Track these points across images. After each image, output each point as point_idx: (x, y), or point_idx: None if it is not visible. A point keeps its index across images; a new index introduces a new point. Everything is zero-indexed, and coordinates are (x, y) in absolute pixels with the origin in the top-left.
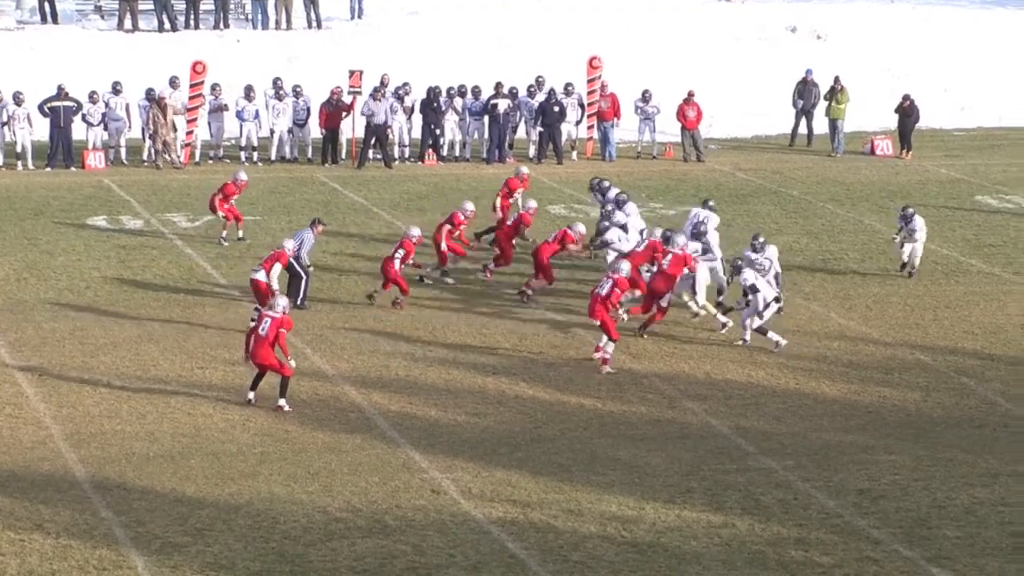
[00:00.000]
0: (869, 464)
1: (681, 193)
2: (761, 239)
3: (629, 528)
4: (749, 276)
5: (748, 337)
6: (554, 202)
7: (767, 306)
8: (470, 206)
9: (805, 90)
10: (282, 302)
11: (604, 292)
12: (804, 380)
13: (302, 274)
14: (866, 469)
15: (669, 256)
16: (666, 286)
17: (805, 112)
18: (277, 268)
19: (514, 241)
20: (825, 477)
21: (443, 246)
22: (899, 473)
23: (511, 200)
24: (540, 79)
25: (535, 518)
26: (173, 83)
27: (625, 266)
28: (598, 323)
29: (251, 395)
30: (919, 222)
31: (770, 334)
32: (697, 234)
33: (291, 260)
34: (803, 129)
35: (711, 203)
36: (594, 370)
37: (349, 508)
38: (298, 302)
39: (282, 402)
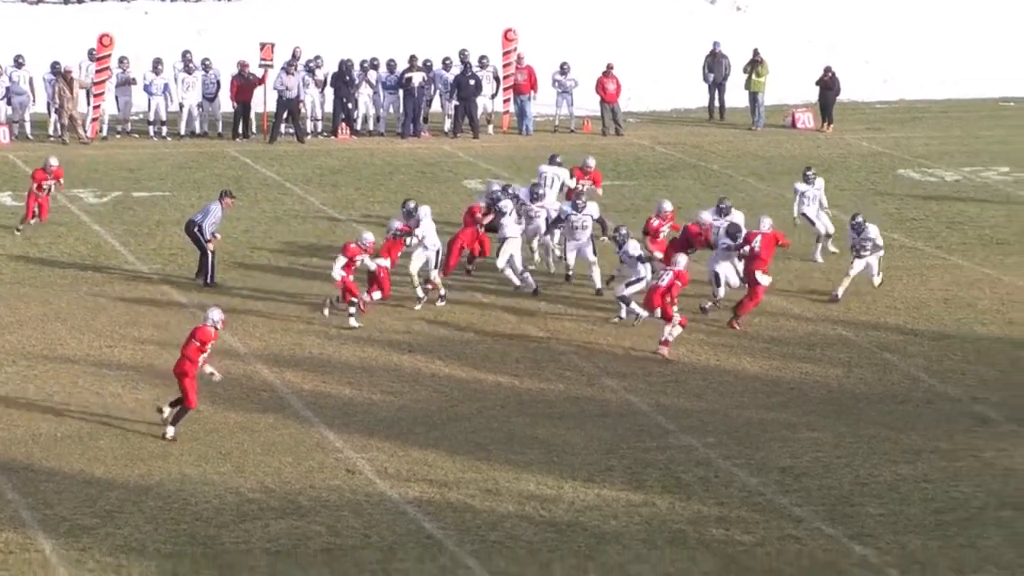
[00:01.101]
0: (791, 441)
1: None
2: (727, 202)
3: (548, 507)
4: (635, 247)
5: (642, 312)
6: (470, 176)
7: (639, 279)
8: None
9: (714, 63)
10: (214, 314)
11: (664, 284)
12: (725, 357)
13: (206, 249)
14: (788, 446)
15: (759, 238)
16: (760, 268)
17: (716, 85)
18: None
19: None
20: (747, 455)
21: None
22: (821, 450)
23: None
24: (464, 53)
25: (452, 498)
26: (92, 55)
27: (683, 259)
28: (658, 315)
29: (167, 409)
30: (874, 230)
31: (632, 305)
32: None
33: (195, 232)
34: (717, 102)
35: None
36: (661, 362)
37: (262, 489)
38: (207, 280)
39: (169, 431)
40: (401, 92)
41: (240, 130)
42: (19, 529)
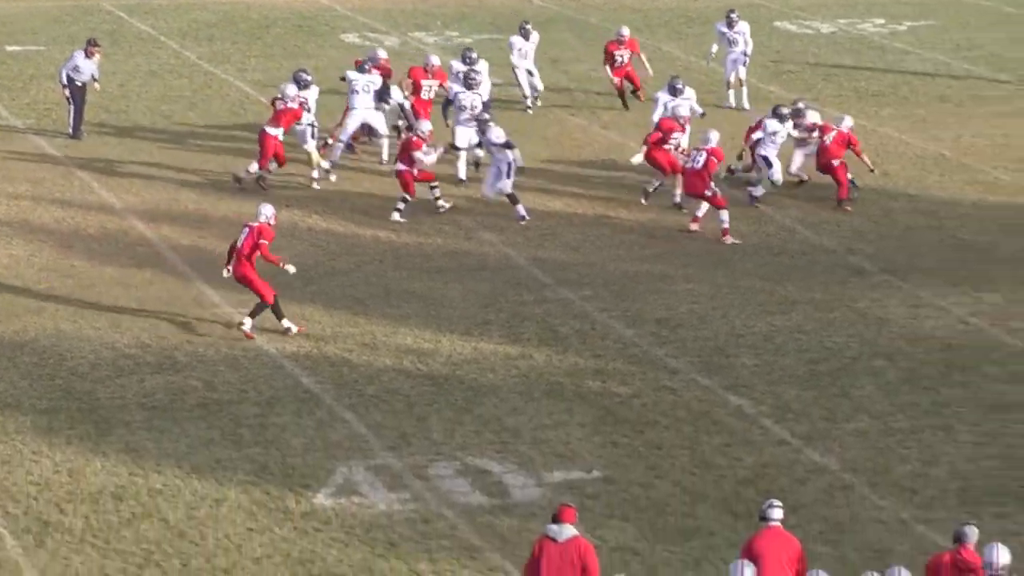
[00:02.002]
0: (667, 293)
1: (478, 21)
2: (680, 82)
3: (425, 361)
4: (501, 134)
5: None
6: (348, 31)
7: (508, 168)
8: None
9: None
10: (266, 210)
11: (699, 165)
12: (602, 208)
13: (71, 100)
14: (664, 298)
15: (833, 133)
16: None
17: None
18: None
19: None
20: (623, 307)
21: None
22: (697, 302)
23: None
24: None
25: (329, 352)
26: None
27: (715, 136)
28: (698, 197)
29: (247, 322)
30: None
31: (519, 207)
32: None
33: (62, 83)
34: None
35: None
36: (716, 242)
37: (138, 344)
38: (71, 131)
39: (247, 323)
40: None
41: None
42: None
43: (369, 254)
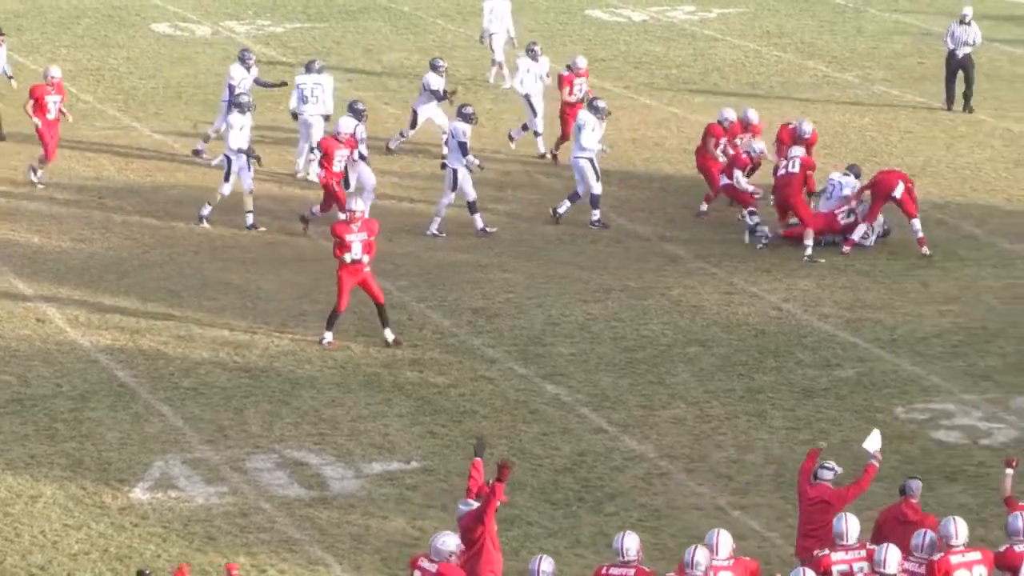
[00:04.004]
0: (483, 283)
1: (289, 11)
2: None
3: (242, 353)
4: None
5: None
6: (158, 20)
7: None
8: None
9: None
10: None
11: (797, 171)
12: (419, 195)
13: None
14: (481, 288)
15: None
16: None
17: None
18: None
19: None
20: (439, 297)
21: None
22: (513, 291)
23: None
24: None
25: (144, 345)
26: None
27: (799, 150)
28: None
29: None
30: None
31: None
32: None
33: None
34: None
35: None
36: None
37: None
38: None
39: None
40: None
41: None
42: None
43: (183, 246)
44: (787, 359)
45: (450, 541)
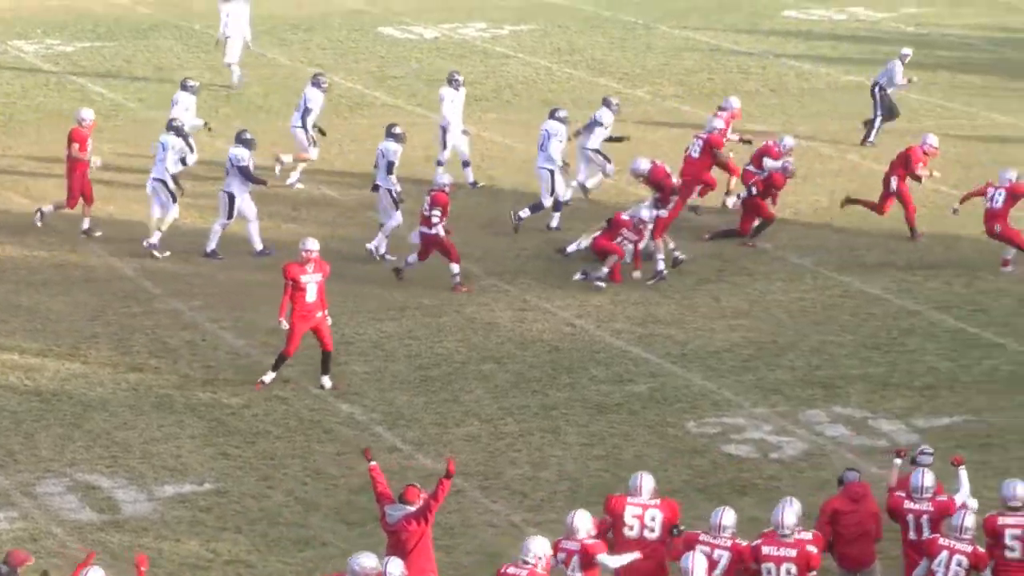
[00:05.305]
0: (278, 302)
1: (79, 29)
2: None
3: (32, 376)
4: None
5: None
6: None
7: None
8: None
9: None
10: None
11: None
12: (203, 219)
13: None
14: (275, 308)
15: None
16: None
17: None
18: None
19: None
20: (234, 317)
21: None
22: None
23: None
24: None
25: None
26: None
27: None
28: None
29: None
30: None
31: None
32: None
33: None
34: None
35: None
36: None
37: None
38: None
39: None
40: None
41: None
42: None
43: None
44: (581, 375)
45: (367, 562)
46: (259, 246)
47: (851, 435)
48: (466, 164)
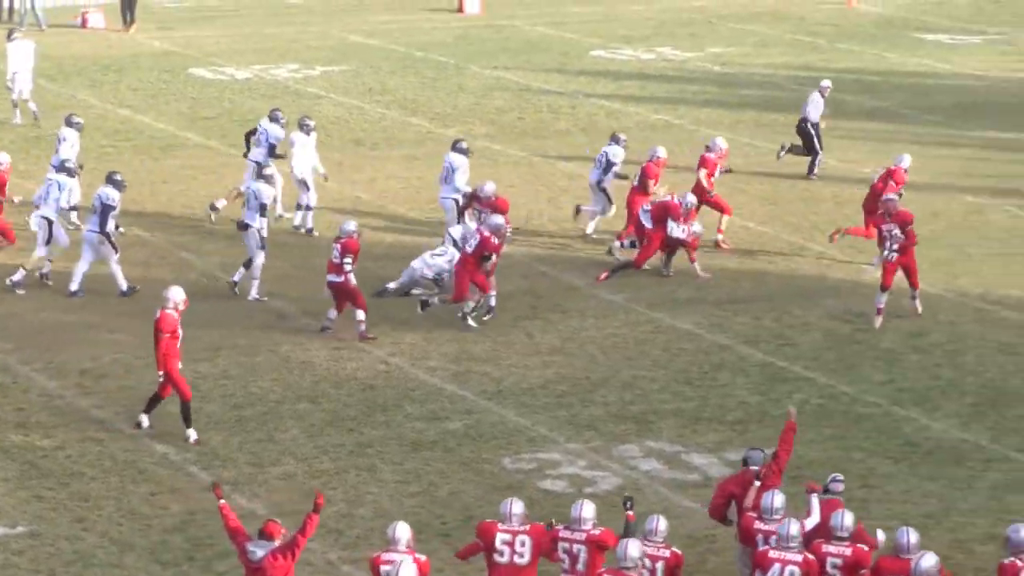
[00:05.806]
0: (91, 343)
1: None
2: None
3: None
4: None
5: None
6: None
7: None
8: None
9: None
10: (174, 296)
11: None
12: (7, 256)
13: None
14: (88, 348)
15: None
16: None
17: None
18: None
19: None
20: (46, 358)
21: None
22: (122, 351)
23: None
24: None
25: None
26: None
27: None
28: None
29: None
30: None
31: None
32: None
33: None
34: None
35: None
36: None
37: None
38: None
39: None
40: None
41: None
42: None
43: None
44: (396, 413)
45: None
46: (124, 285)
47: (664, 469)
48: (308, 208)
